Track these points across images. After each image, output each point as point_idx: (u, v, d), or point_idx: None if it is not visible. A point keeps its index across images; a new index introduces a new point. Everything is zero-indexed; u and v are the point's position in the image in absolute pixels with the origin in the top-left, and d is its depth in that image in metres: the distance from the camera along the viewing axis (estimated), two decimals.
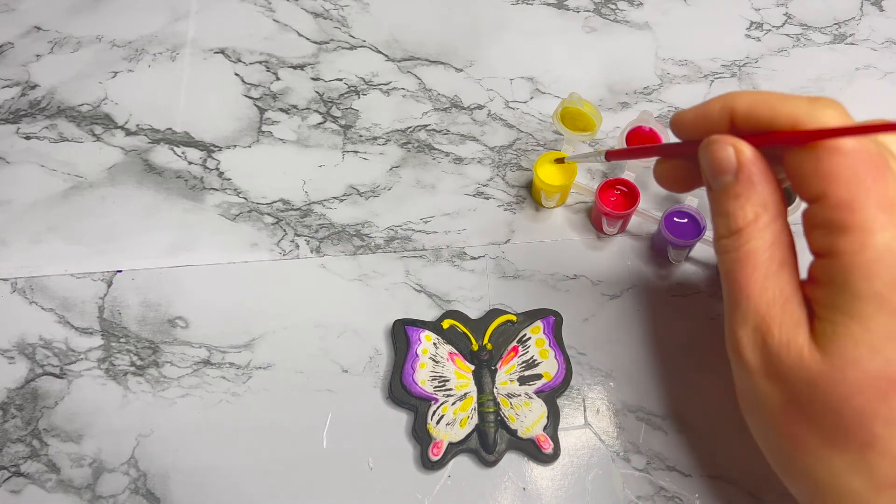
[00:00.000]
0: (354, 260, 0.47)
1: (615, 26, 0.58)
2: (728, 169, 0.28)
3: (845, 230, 0.25)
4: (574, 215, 0.49)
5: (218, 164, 0.51)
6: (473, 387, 0.42)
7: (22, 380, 0.44)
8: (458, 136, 0.52)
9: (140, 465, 0.41)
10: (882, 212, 0.25)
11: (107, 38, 0.58)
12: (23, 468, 0.41)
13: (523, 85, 0.55)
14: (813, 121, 0.26)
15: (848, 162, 0.25)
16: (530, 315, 0.44)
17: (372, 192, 0.50)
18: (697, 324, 0.45)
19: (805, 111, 0.27)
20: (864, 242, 0.25)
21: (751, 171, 0.28)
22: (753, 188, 0.27)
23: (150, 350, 0.45)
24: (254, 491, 0.40)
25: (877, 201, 0.25)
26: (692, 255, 0.47)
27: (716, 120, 0.29)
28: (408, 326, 0.43)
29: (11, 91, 0.55)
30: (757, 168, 0.28)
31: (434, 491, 0.40)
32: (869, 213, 0.25)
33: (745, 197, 0.28)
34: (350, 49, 0.57)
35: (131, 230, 0.49)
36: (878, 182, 0.25)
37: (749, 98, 0.28)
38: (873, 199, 0.25)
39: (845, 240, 0.25)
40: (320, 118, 0.53)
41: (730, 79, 0.54)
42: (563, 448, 0.41)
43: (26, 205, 0.50)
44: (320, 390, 0.43)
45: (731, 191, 0.28)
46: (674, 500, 0.40)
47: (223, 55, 0.57)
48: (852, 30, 0.57)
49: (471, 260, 0.47)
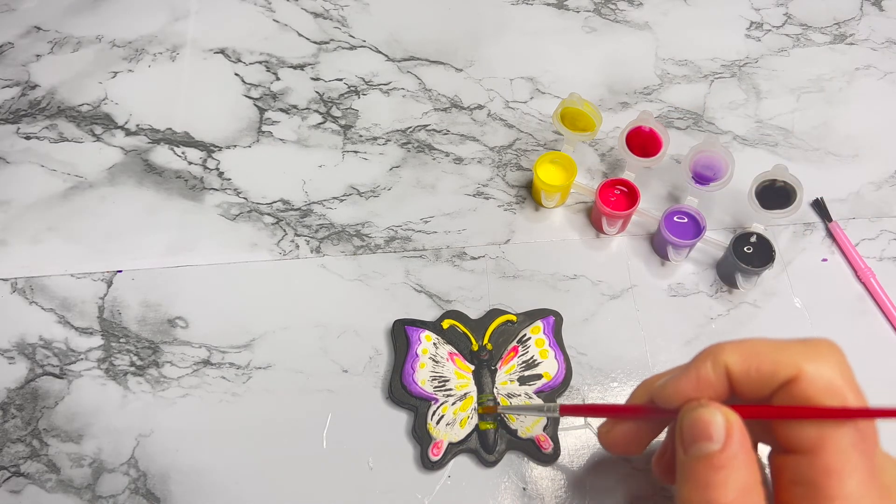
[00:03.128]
0: (354, 260, 0.47)
1: (615, 26, 0.58)
2: (714, 437, 0.26)
3: (830, 499, 0.25)
4: (574, 215, 0.49)
5: (218, 164, 0.51)
6: (473, 387, 0.42)
7: (22, 380, 0.44)
8: (458, 136, 0.52)
9: (140, 465, 0.41)
10: (867, 488, 0.25)
11: (107, 38, 0.58)
12: (23, 468, 0.41)
13: (523, 85, 0.55)
14: (815, 379, 0.26)
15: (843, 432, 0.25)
16: (530, 315, 0.44)
17: (372, 192, 0.50)
18: (697, 324, 0.45)
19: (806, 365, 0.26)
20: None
21: (739, 445, 0.26)
22: (739, 464, 0.26)
23: (150, 350, 0.45)
24: (253, 491, 0.40)
25: (862, 476, 0.25)
26: (692, 255, 0.47)
27: (714, 382, 0.27)
28: (408, 326, 0.43)
29: (11, 91, 0.55)
30: (745, 445, 0.26)
31: (434, 491, 0.40)
32: (854, 487, 0.25)
33: (728, 470, 0.26)
34: (350, 49, 0.57)
35: (131, 230, 0.49)
36: (866, 457, 0.25)
37: (739, 352, 0.27)
38: (860, 474, 0.25)
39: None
40: (320, 118, 0.53)
41: (730, 79, 0.54)
42: (563, 448, 0.41)
43: (26, 205, 0.50)
44: (320, 390, 0.43)
45: (714, 461, 0.26)
46: (674, 500, 0.40)
47: (223, 55, 0.57)
48: (852, 30, 0.57)
49: (471, 260, 0.47)
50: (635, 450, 0.33)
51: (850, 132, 0.52)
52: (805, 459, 0.26)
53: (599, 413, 0.35)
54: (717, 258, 0.46)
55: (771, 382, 0.26)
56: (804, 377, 0.26)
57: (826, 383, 0.26)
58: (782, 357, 0.26)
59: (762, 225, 0.44)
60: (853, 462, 0.25)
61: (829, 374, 0.26)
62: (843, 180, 0.50)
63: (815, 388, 0.26)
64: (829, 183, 0.49)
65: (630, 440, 0.32)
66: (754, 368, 0.27)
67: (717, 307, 0.45)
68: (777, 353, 0.27)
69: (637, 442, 0.32)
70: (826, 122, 0.52)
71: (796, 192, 0.42)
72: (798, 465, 0.26)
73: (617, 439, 0.32)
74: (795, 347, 0.27)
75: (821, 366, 0.26)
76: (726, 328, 0.45)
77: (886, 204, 0.49)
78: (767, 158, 0.51)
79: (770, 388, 0.27)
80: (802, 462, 0.26)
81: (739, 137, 0.52)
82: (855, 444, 0.25)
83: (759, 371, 0.27)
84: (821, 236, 0.48)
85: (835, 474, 0.25)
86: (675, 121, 0.53)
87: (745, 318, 0.45)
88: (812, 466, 0.25)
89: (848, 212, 0.48)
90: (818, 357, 0.26)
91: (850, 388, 0.26)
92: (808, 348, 0.26)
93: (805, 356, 0.26)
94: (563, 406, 0.35)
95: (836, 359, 0.26)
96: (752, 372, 0.27)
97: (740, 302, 0.45)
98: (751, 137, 0.52)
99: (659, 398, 0.29)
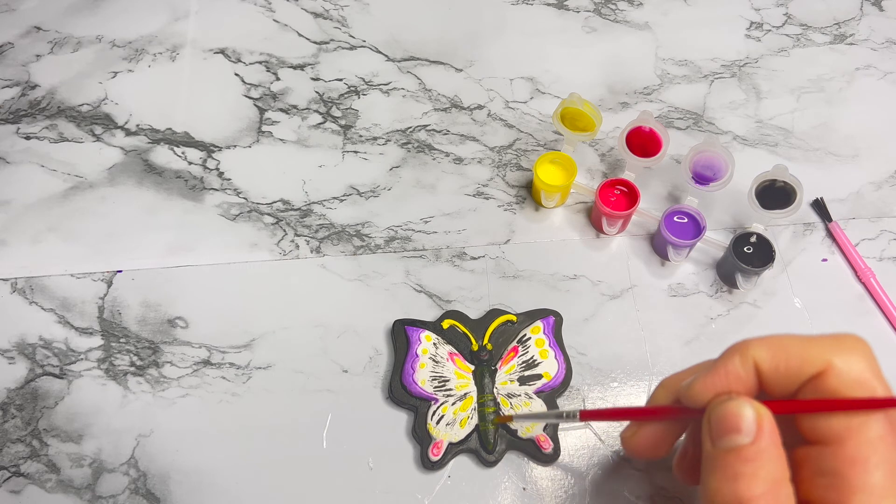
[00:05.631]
0: (354, 260, 0.47)
1: (615, 26, 0.58)
2: (745, 430, 0.26)
3: (855, 490, 0.25)
4: (574, 215, 0.49)
5: (218, 164, 0.51)
6: (473, 387, 0.42)
7: (22, 380, 0.44)
8: (458, 136, 0.52)
9: (140, 465, 0.41)
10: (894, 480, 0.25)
11: (107, 38, 0.58)
12: (23, 468, 0.41)
13: (523, 85, 0.55)
14: (844, 372, 0.26)
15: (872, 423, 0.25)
16: (530, 315, 0.44)
17: (372, 192, 0.50)
18: (697, 324, 0.45)
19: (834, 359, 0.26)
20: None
21: (770, 439, 0.26)
22: (769, 458, 0.26)
23: (150, 350, 0.45)
24: (253, 491, 0.40)
25: (890, 468, 0.25)
26: (692, 255, 0.47)
27: (743, 378, 0.27)
28: (408, 326, 0.43)
29: (11, 91, 0.55)
30: (775, 439, 0.26)
31: (434, 491, 0.40)
32: (880, 478, 0.25)
33: (759, 462, 0.26)
34: (350, 49, 0.57)
35: (131, 230, 0.49)
36: (894, 450, 0.25)
37: (767, 348, 0.27)
38: (888, 465, 0.25)
39: (856, 499, 0.25)
40: (320, 118, 0.53)
41: (730, 79, 0.54)
42: (563, 448, 0.41)
43: (26, 205, 0.50)
44: (320, 390, 0.43)
45: (744, 453, 0.26)
46: (674, 500, 0.40)
47: (223, 55, 0.57)
48: (852, 30, 0.57)
49: (471, 260, 0.47)
50: (662, 452, 0.32)
51: (850, 132, 0.52)
52: (829, 450, 0.26)
53: (622, 417, 0.35)
54: (717, 258, 0.46)
55: (799, 377, 0.27)
56: (833, 371, 0.26)
57: (855, 376, 0.26)
58: (811, 351, 0.26)
59: (762, 225, 0.44)
60: (880, 453, 0.25)
61: (858, 367, 0.26)
62: (843, 180, 0.50)
63: (844, 381, 0.26)
64: (829, 183, 0.49)
65: (657, 443, 0.32)
66: (783, 363, 0.27)
67: (717, 307, 0.45)
68: (805, 347, 0.27)
69: (664, 443, 0.32)
70: (826, 122, 0.52)
71: (796, 192, 0.42)
72: (822, 457, 0.26)
73: (642, 443, 0.32)
74: (823, 342, 0.27)
75: (849, 359, 0.26)
76: (726, 328, 0.45)
77: (886, 204, 0.49)
78: (767, 158, 0.51)
79: (798, 383, 0.27)
80: (827, 453, 0.26)
81: (739, 137, 0.52)
82: (883, 436, 0.25)
83: (787, 366, 0.27)
84: (821, 236, 0.48)
85: (860, 464, 0.25)
86: (675, 121, 0.53)
87: (745, 318, 0.45)
88: (837, 457, 0.25)
89: (848, 212, 0.48)
90: (846, 351, 0.26)
91: (879, 381, 0.26)
92: (837, 342, 0.27)
93: (833, 350, 0.26)
94: (584, 412, 0.35)
95: (864, 352, 0.27)
96: (780, 367, 0.27)
97: (740, 302, 0.45)
98: (751, 137, 0.52)
99: (686, 397, 0.29)
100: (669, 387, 0.31)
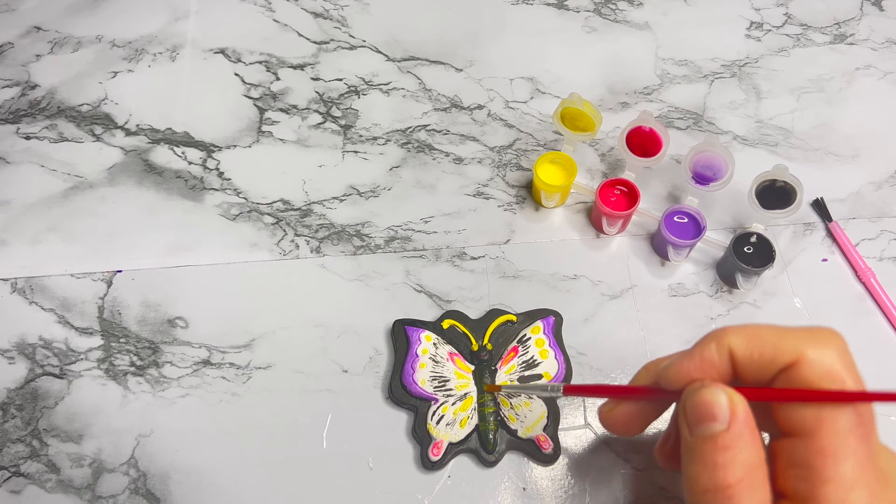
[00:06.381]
0: (354, 260, 0.47)
1: (615, 26, 0.58)
2: (719, 417, 0.26)
3: (825, 481, 0.25)
4: (574, 215, 0.49)
5: (218, 164, 0.51)
6: (473, 387, 0.42)
7: (22, 380, 0.44)
8: (458, 136, 0.52)
9: (140, 465, 0.41)
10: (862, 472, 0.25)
11: (107, 38, 0.58)
12: (23, 468, 0.41)
13: (523, 85, 0.55)
14: (816, 364, 0.26)
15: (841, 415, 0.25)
16: (530, 315, 0.44)
17: (372, 192, 0.50)
18: (697, 324, 0.45)
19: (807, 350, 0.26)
20: (844, 499, 0.25)
21: (744, 424, 0.26)
22: (745, 443, 0.26)
23: (150, 350, 0.45)
24: (253, 491, 0.40)
25: (858, 459, 0.25)
26: (692, 255, 0.47)
27: (717, 364, 0.28)
28: (408, 326, 0.43)
29: (11, 91, 0.55)
30: (749, 424, 0.27)
31: (434, 491, 0.40)
32: (849, 470, 0.25)
33: (735, 450, 0.26)
34: (350, 49, 0.57)
35: (131, 230, 0.49)
36: (863, 442, 0.26)
37: (743, 336, 0.28)
38: (856, 457, 0.25)
39: (825, 489, 0.25)
40: (320, 118, 0.53)
41: (730, 79, 0.54)
42: (563, 448, 0.41)
43: (26, 205, 0.50)
44: (320, 390, 0.43)
45: (720, 441, 0.26)
46: (674, 500, 0.40)
47: (223, 55, 0.57)
48: (852, 30, 0.57)
49: (471, 260, 0.47)
50: (635, 430, 0.33)
51: (850, 132, 0.52)
52: (802, 442, 0.26)
53: (603, 393, 0.36)
54: (717, 258, 0.46)
55: (773, 366, 0.27)
56: (805, 362, 0.26)
57: (826, 368, 0.26)
58: (785, 342, 0.27)
59: (762, 225, 0.44)
60: (850, 445, 0.25)
61: (830, 360, 0.26)
62: (843, 180, 0.50)
63: (814, 372, 0.26)
64: (829, 183, 0.49)
65: (632, 420, 0.33)
66: (757, 352, 0.27)
67: (717, 307, 0.45)
68: (780, 337, 0.27)
69: (638, 422, 0.33)
70: (826, 122, 0.52)
71: (796, 192, 0.42)
72: (795, 448, 0.26)
73: (618, 419, 0.33)
74: (798, 333, 0.27)
75: (821, 351, 0.26)
76: None
77: (886, 204, 0.49)
78: (767, 158, 0.51)
79: (771, 372, 0.27)
80: (799, 445, 0.26)
81: (739, 137, 0.52)
82: (852, 428, 0.25)
83: (761, 354, 0.27)
84: (821, 236, 0.48)
85: (830, 456, 0.25)
86: (675, 121, 0.53)
87: (745, 318, 0.45)
88: (808, 448, 0.26)
89: (848, 212, 0.48)
90: (819, 343, 0.27)
91: (850, 374, 0.26)
92: (811, 334, 0.27)
93: (807, 342, 0.27)
94: (567, 386, 0.36)
95: (837, 345, 0.27)
96: (754, 355, 0.27)
97: (740, 302, 0.45)
98: (751, 137, 0.52)
99: (663, 379, 0.30)
100: (651, 369, 0.32)
